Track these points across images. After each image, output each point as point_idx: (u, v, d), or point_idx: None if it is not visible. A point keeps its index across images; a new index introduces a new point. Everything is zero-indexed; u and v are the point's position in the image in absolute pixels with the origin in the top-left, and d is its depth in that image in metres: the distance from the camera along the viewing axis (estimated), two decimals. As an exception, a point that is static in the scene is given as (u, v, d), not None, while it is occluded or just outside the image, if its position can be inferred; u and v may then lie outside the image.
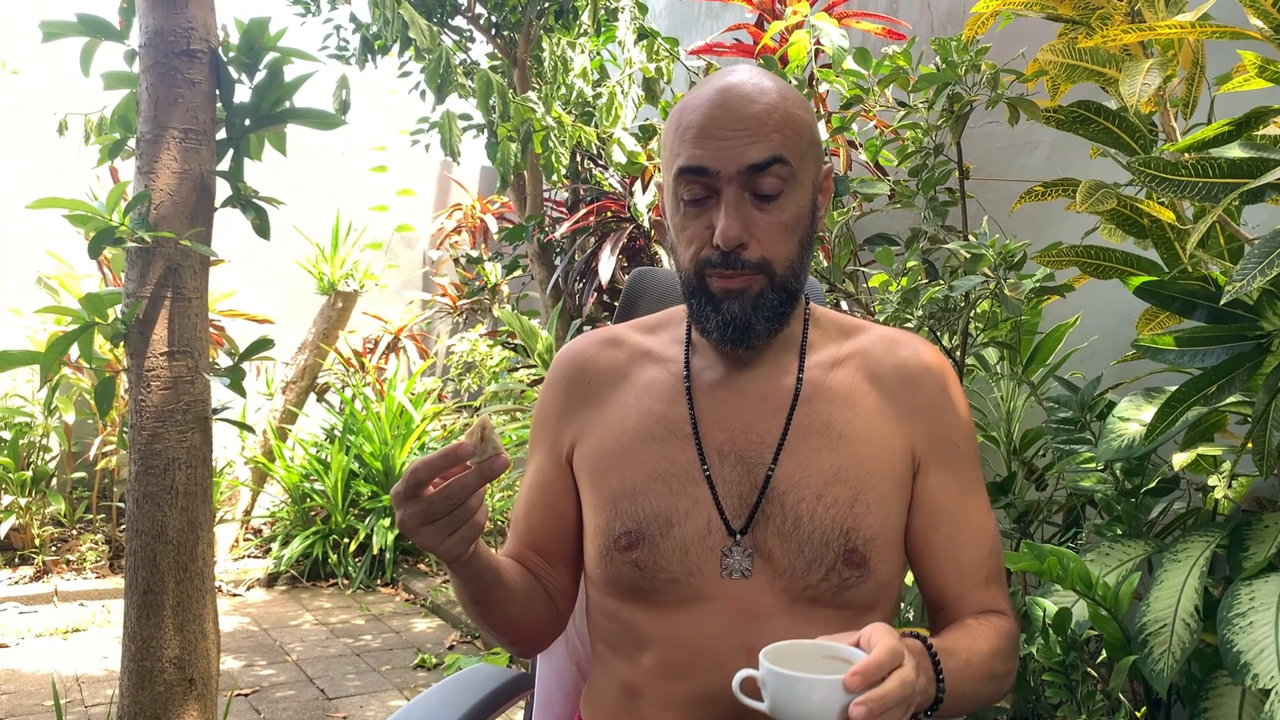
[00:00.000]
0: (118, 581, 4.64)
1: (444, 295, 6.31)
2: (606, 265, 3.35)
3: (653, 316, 1.27)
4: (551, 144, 2.89)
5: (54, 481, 5.15)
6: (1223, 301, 1.36)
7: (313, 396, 5.78)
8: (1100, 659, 1.78)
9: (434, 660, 3.83)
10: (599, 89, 3.28)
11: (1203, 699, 1.60)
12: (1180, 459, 1.75)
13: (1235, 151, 1.41)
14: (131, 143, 2.30)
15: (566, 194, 4.12)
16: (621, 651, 1.12)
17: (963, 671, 1.00)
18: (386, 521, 5.00)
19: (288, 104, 2.40)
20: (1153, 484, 1.85)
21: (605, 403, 1.17)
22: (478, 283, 6.02)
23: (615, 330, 1.25)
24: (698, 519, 1.07)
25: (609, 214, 3.68)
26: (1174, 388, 1.54)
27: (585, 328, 3.87)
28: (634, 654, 1.10)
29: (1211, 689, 1.61)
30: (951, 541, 1.13)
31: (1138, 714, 1.84)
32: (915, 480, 1.13)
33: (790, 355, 1.15)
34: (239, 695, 3.38)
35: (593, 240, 3.67)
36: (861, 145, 2.26)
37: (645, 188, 3.43)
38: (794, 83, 2.31)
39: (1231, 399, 1.60)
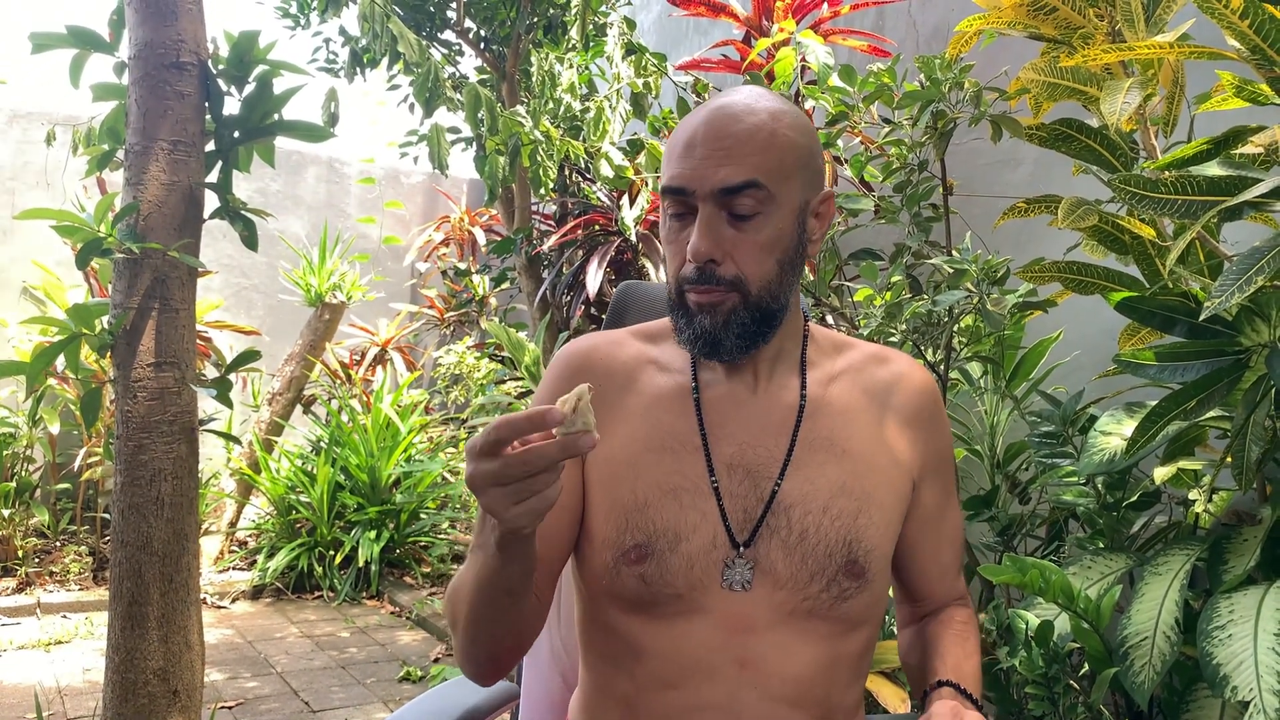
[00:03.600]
0: (101, 593, 4.61)
1: (431, 307, 6.31)
2: (594, 278, 3.36)
3: (652, 325, 1.26)
4: (539, 157, 2.90)
5: (37, 493, 5.13)
6: (1202, 317, 1.37)
7: (299, 408, 5.77)
8: (1082, 671, 1.79)
9: (419, 673, 3.82)
10: (587, 103, 3.30)
11: (1183, 711, 1.62)
12: (1161, 473, 1.77)
13: (1214, 170, 1.44)
14: (120, 154, 2.30)
15: (554, 207, 4.14)
16: (616, 663, 1.13)
17: (977, 679, 1.16)
18: (372, 534, 4.99)
19: (277, 116, 2.41)
20: (1134, 498, 1.87)
21: (614, 407, 1.15)
22: (465, 295, 6.02)
23: (617, 334, 1.24)
24: (704, 533, 1.08)
25: (596, 227, 3.69)
26: (1155, 402, 1.55)
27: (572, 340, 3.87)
28: (629, 665, 1.11)
29: (1191, 701, 1.62)
30: (937, 545, 1.23)
31: (1119, 726, 1.86)
32: (914, 492, 1.18)
33: (790, 371, 1.17)
34: (223, 708, 3.37)
35: (580, 253, 3.68)
36: (847, 161, 2.28)
37: (633, 201, 3.45)
38: (780, 99, 2.32)
39: (1211, 414, 1.62)
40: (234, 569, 5.16)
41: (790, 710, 1.08)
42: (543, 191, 3.04)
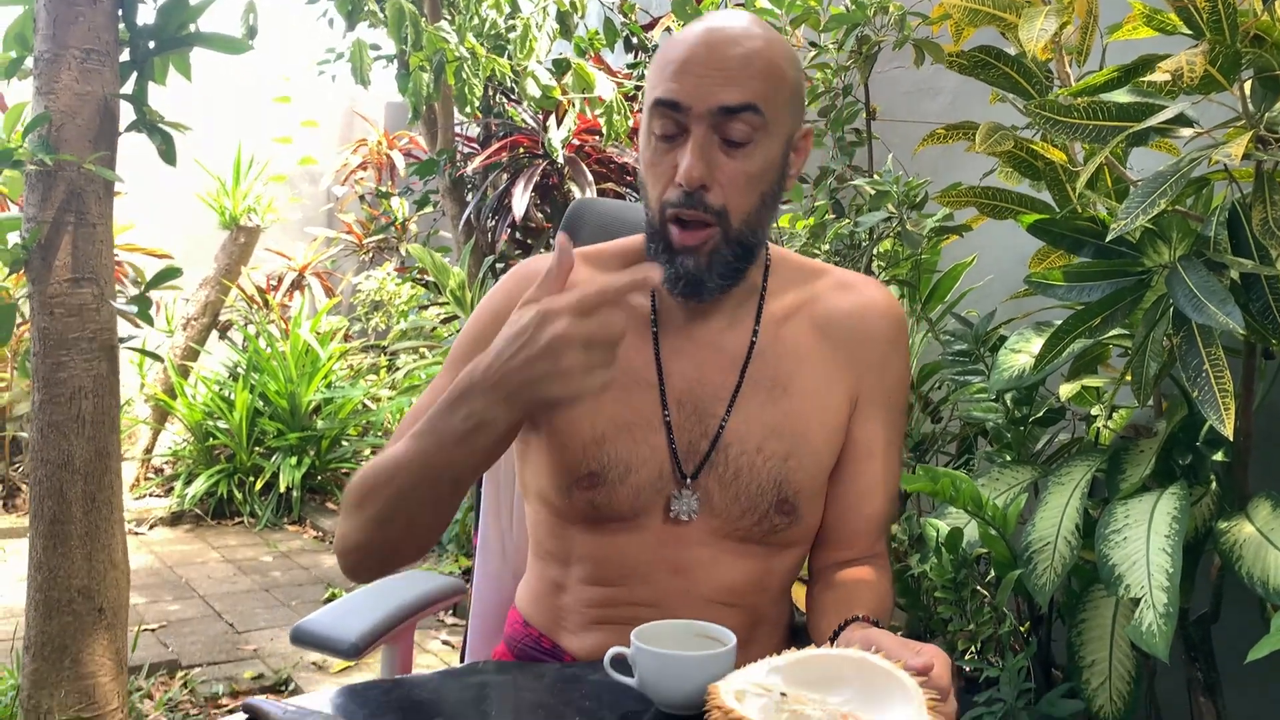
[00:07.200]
0: (11, 520, 4.53)
1: (349, 233, 6.21)
2: (520, 201, 3.35)
3: (606, 247, 1.25)
4: (465, 75, 2.87)
5: (-59, 419, 4.97)
6: (1108, 239, 1.44)
7: (215, 334, 5.66)
8: (989, 578, 1.89)
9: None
10: (513, 20, 3.26)
11: (1080, 611, 1.72)
12: (1066, 389, 1.86)
13: (1123, 96, 1.50)
14: (29, 62, 2.22)
15: (478, 129, 4.09)
16: (556, 556, 1.21)
17: None
18: (293, 460, 4.96)
19: (193, 27, 2.34)
20: (1040, 414, 1.95)
21: None
22: (384, 220, 5.93)
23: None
24: (653, 466, 1.14)
25: (521, 150, 3.67)
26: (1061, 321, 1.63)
27: (498, 265, 3.87)
28: (571, 565, 1.19)
29: (1088, 601, 1.73)
30: (868, 488, 1.23)
31: (1021, 628, 1.97)
32: (850, 422, 1.21)
33: (748, 306, 1.19)
34: (146, 630, 3.36)
35: (505, 176, 3.65)
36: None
37: (560, 123, 3.43)
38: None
39: (1114, 331, 1.70)
40: (151, 495, 5.10)
41: (719, 610, 1.14)
42: (468, 110, 3.01)
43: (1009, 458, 1.95)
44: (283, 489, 4.90)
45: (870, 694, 0.80)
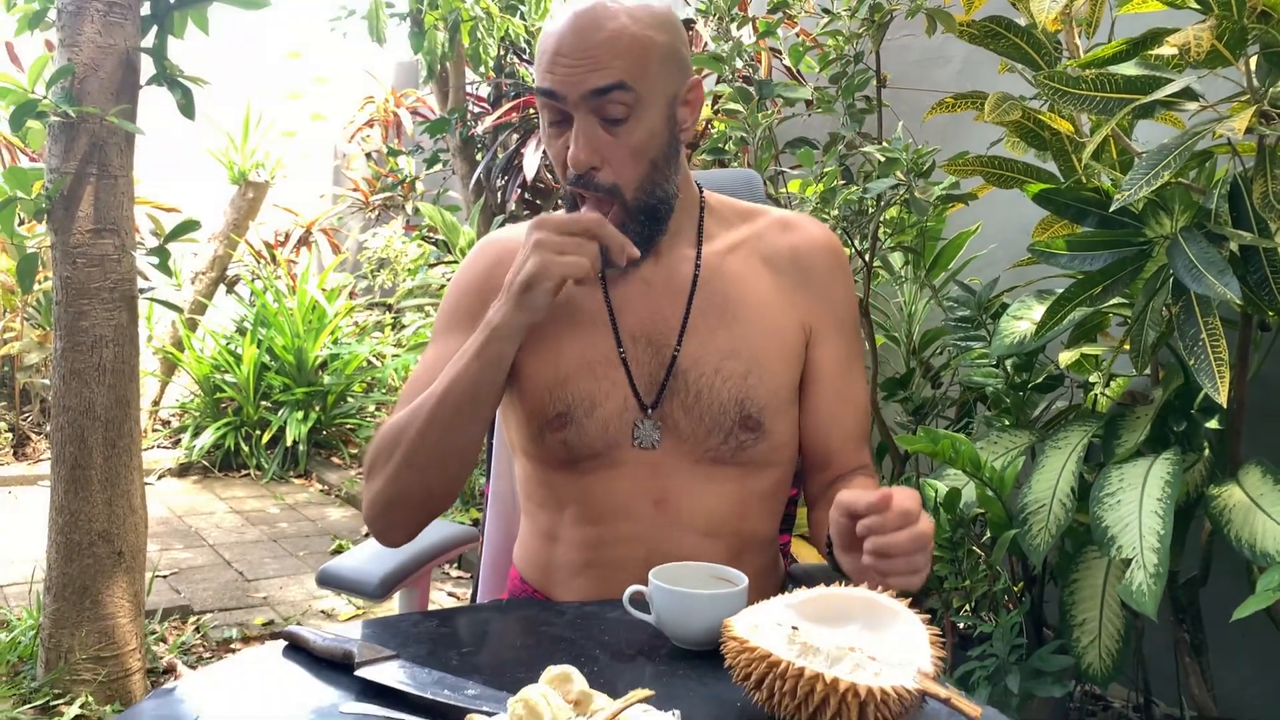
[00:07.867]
0: (22, 468, 4.60)
1: (355, 190, 6.22)
2: (531, 162, 3.38)
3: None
4: (479, 35, 2.89)
5: (-48, 367, 5.02)
6: (1112, 209, 1.48)
7: (222, 288, 5.69)
8: (984, 538, 1.94)
9: (351, 545, 3.90)
10: (527, -18, 3.27)
11: (1072, 571, 1.78)
12: (1065, 357, 1.90)
13: (1130, 69, 1.53)
14: (52, 14, 2.25)
15: (489, 89, 4.11)
16: (546, 506, 1.27)
17: None
18: (299, 414, 5.00)
19: (212, -18, 2.36)
20: (1039, 380, 2.00)
21: None
22: (391, 178, 5.94)
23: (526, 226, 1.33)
24: (616, 399, 1.20)
25: (533, 111, 3.69)
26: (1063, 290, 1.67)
27: (507, 224, 3.90)
28: (557, 509, 1.25)
29: (1080, 562, 1.78)
30: (836, 405, 1.29)
31: (1015, 587, 2.02)
32: (807, 349, 1.28)
33: (688, 244, 1.27)
34: (158, 577, 3.42)
35: (516, 137, 3.68)
36: (784, 52, 2.33)
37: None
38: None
39: (1114, 300, 1.75)
40: (159, 447, 5.15)
41: (703, 539, 1.21)
42: (482, 69, 3.03)
43: (1008, 422, 2.01)
44: (289, 443, 4.95)
45: (876, 629, 0.86)
